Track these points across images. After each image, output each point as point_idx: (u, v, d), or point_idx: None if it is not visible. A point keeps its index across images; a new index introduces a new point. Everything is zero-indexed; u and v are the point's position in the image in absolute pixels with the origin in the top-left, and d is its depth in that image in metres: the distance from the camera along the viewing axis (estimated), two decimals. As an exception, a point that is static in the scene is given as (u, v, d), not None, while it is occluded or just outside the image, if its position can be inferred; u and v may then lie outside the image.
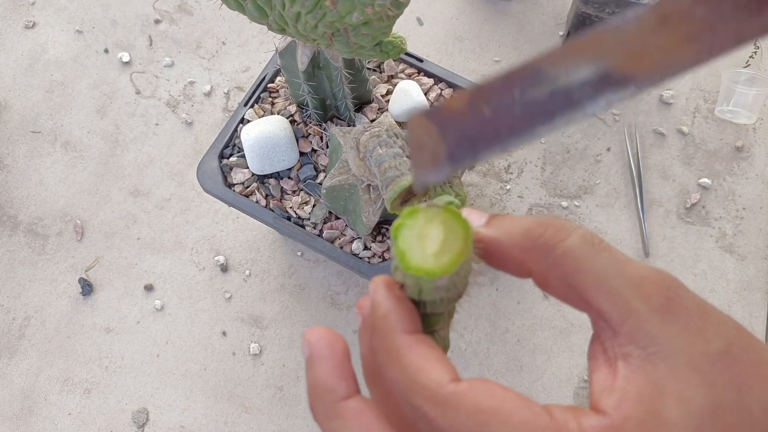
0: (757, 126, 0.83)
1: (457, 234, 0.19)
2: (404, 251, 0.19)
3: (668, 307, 0.18)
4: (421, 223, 0.19)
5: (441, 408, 0.17)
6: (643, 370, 0.17)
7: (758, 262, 0.76)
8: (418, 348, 0.18)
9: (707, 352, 0.17)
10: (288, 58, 0.54)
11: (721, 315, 0.18)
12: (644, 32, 0.16)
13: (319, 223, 0.60)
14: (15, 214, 0.81)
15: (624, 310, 0.18)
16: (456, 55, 0.88)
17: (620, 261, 0.19)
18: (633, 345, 0.18)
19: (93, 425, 0.71)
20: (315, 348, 0.20)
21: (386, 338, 0.19)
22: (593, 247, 0.19)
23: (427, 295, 0.20)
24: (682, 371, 0.17)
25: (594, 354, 0.19)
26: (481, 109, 0.17)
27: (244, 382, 0.73)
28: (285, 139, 0.59)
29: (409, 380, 0.18)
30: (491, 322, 0.74)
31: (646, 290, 0.18)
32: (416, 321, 0.20)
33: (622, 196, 0.80)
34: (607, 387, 0.18)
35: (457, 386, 0.17)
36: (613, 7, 0.74)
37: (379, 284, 0.20)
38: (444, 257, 0.19)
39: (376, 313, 0.20)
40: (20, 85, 0.88)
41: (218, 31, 0.91)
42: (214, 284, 0.77)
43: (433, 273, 0.18)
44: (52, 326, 0.76)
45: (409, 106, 0.60)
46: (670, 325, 0.18)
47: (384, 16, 0.39)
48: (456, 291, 0.20)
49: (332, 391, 0.19)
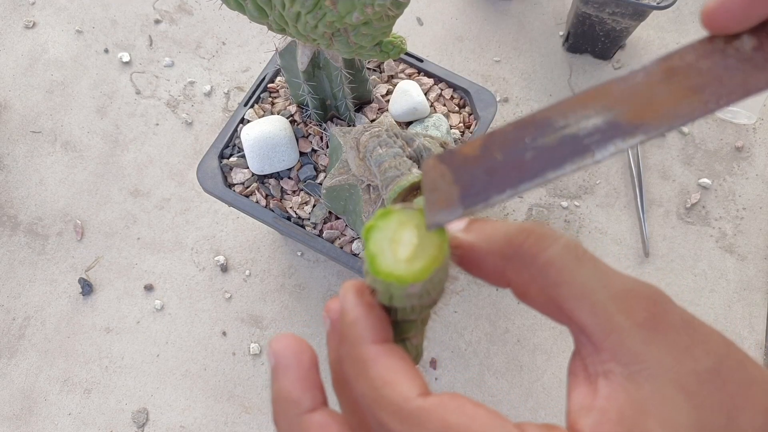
0: (757, 126, 0.83)
1: (432, 239, 0.18)
2: (375, 255, 0.18)
3: (654, 323, 0.17)
4: (394, 225, 0.18)
5: (407, 425, 0.16)
6: (625, 389, 0.16)
7: (758, 262, 0.76)
8: (385, 359, 0.17)
9: (695, 371, 0.16)
10: (288, 58, 0.54)
11: (711, 332, 0.17)
12: (652, 83, 0.16)
13: (319, 223, 0.60)
14: (15, 214, 0.81)
15: (606, 325, 0.17)
16: (456, 55, 0.88)
17: (605, 273, 0.18)
18: (615, 362, 0.17)
19: (93, 425, 0.71)
20: (280, 357, 0.19)
21: (353, 347, 0.18)
22: (577, 257, 0.18)
23: (398, 302, 0.18)
24: (667, 391, 0.16)
25: (574, 370, 0.18)
26: (493, 155, 0.17)
27: (244, 382, 0.73)
28: (285, 139, 0.59)
29: (375, 393, 0.17)
30: (491, 322, 0.74)
31: (631, 304, 0.17)
32: (386, 329, 0.19)
33: (622, 196, 0.80)
34: (585, 405, 0.17)
35: (425, 401, 0.16)
36: (613, 7, 0.74)
37: (348, 289, 0.19)
38: (416, 264, 0.17)
39: (345, 319, 0.18)
40: (20, 85, 0.88)
41: (218, 31, 0.91)
42: (214, 284, 0.77)
43: (404, 280, 0.17)
44: (52, 326, 0.76)
45: (410, 106, 0.60)
46: (655, 342, 0.17)
47: (384, 16, 0.39)
48: (430, 298, 0.19)
49: (296, 404, 0.18)
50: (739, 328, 0.73)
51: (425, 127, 0.61)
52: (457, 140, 0.62)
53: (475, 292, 0.75)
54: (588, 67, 0.86)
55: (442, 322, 0.74)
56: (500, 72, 0.87)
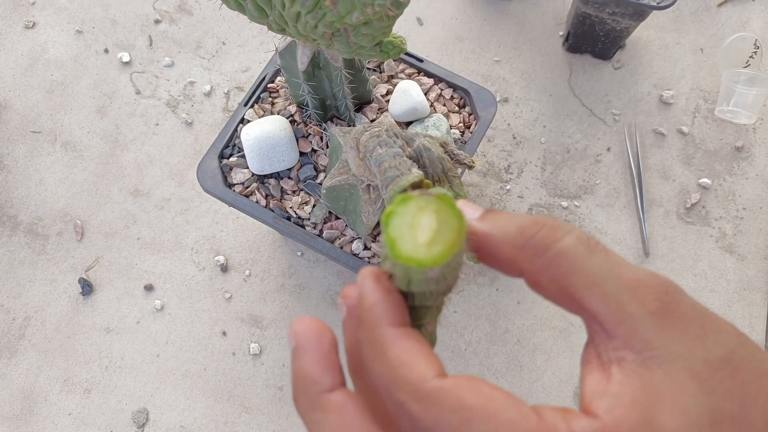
0: (757, 126, 0.83)
1: (451, 224, 0.18)
2: (395, 239, 0.18)
3: (665, 312, 0.17)
4: (413, 211, 0.18)
5: (424, 403, 0.16)
6: (639, 375, 0.17)
7: (758, 262, 0.76)
8: (403, 341, 0.18)
9: (707, 359, 0.17)
10: (288, 58, 0.54)
11: (722, 322, 0.18)
12: None
13: (319, 223, 0.60)
14: (15, 214, 0.81)
15: (619, 313, 0.17)
16: (456, 55, 0.88)
17: (616, 263, 0.18)
18: (628, 349, 0.17)
19: (93, 425, 0.71)
20: (301, 338, 0.19)
21: (372, 330, 0.18)
22: (588, 248, 0.18)
23: (416, 287, 0.19)
24: (679, 378, 0.16)
25: (587, 358, 0.19)
26: None
27: (244, 382, 0.73)
28: (285, 139, 0.59)
29: (392, 374, 0.17)
30: (491, 322, 0.74)
31: (643, 294, 0.17)
32: (404, 314, 0.19)
33: (622, 196, 0.80)
34: (599, 390, 0.17)
35: (442, 382, 0.17)
36: (613, 7, 0.74)
37: (366, 275, 0.19)
38: (436, 247, 0.18)
39: (363, 304, 0.19)
40: (20, 85, 0.88)
41: (218, 31, 0.91)
42: (214, 284, 0.77)
43: (423, 263, 0.17)
44: (52, 326, 0.76)
45: (410, 106, 0.60)
46: (667, 330, 0.17)
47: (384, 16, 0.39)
48: (446, 284, 0.19)
49: (316, 383, 0.18)
50: (739, 328, 0.73)
51: (425, 127, 0.61)
52: (457, 140, 0.62)
53: (475, 292, 0.75)
54: (588, 67, 0.86)
55: (442, 322, 0.74)
56: (500, 72, 0.87)
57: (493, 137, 0.83)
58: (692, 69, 0.86)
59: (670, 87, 0.85)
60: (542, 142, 0.83)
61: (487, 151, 0.82)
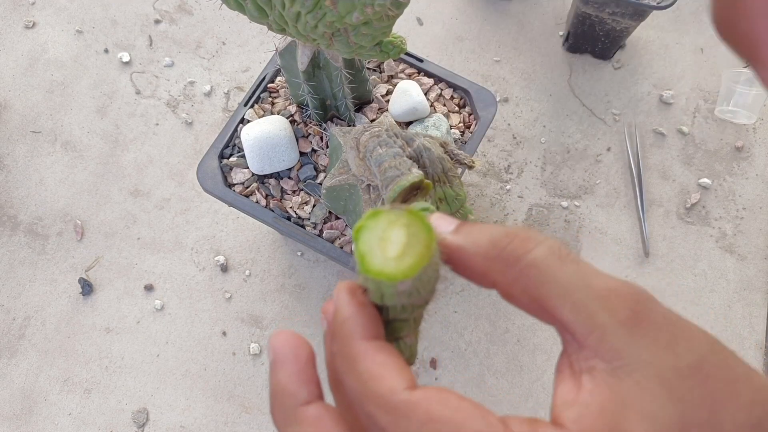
0: (757, 126, 0.83)
1: (420, 238, 0.18)
2: (364, 254, 0.18)
3: (636, 321, 0.17)
4: (383, 225, 0.18)
5: (393, 416, 0.16)
6: (608, 384, 0.17)
7: (758, 262, 0.76)
8: (375, 355, 0.18)
9: (677, 367, 0.17)
10: (288, 58, 0.54)
11: (694, 330, 0.18)
12: None
13: (319, 223, 0.60)
14: (15, 214, 0.81)
15: (589, 323, 0.17)
16: (456, 55, 0.88)
17: (587, 273, 0.18)
18: (598, 358, 0.17)
19: (93, 425, 0.71)
20: (278, 352, 0.19)
21: (345, 344, 0.18)
22: (560, 258, 0.18)
23: (389, 300, 0.19)
24: (648, 386, 0.16)
25: (560, 368, 0.19)
26: None
27: (244, 382, 0.73)
28: (285, 139, 0.59)
29: (363, 387, 0.17)
30: (491, 322, 0.74)
31: (613, 303, 0.17)
32: (377, 327, 0.19)
33: (622, 196, 0.80)
34: (569, 400, 0.17)
35: (411, 394, 0.17)
36: (613, 7, 0.74)
37: (341, 289, 0.20)
38: (405, 261, 0.18)
39: (337, 318, 0.19)
40: (20, 85, 0.88)
41: (218, 31, 0.91)
42: (214, 284, 0.77)
43: (393, 277, 0.18)
44: (52, 326, 0.76)
45: (410, 106, 0.60)
46: (637, 339, 0.17)
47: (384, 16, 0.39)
48: (420, 297, 0.19)
49: (292, 396, 0.19)
50: (739, 328, 0.73)
51: (425, 127, 0.61)
52: (456, 140, 0.62)
53: (475, 292, 0.75)
54: (588, 67, 0.86)
55: (442, 322, 0.74)
56: (500, 72, 0.87)
57: (493, 137, 0.83)
58: (692, 69, 0.86)
59: (670, 87, 0.85)
60: (542, 142, 0.83)
61: (487, 151, 0.82)
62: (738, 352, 0.76)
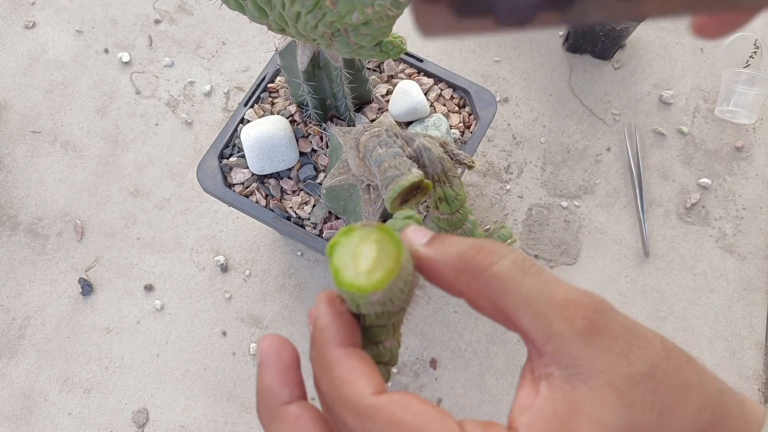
0: (757, 126, 0.83)
1: (389, 253, 0.19)
2: (338, 268, 0.20)
3: (592, 330, 0.18)
4: (355, 241, 0.20)
5: (359, 418, 0.18)
6: (562, 390, 0.18)
7: (758, 262, 0.76)
8: (347, 361, 0.19)
9: (629, 374, 0.18)
10: (288, 58, 0.54)
11: (651, 338, 0.19)
12: None
13: (319, 223, 0.60)
14: (15, 214, 0.81)
15: (547, 331, 0.18)
16: (456, 55, 0.88)
17: (548, 284, 0.19)
18: (555, 365, 0.18)
19: (93, 425, 0.71)
20: (264, 355, 0.21)
21: (321, 351, 0.20)
22: (522, 270, 0.19)
23: (364, 309, 0.20)
24: (600, 392, 0.17)
25: (524, 373, 0.20)
26: None
27: (244, 382, 0.73)
28: (285, 139, 0.59)
29: (335, 391, 0.19)
30: (491, 322, 0.74)
31: (571, 313, 0.18)
32: (353, 335, 0.20)
33: (622, 196, 0.80)
34: (525, 405, 0.18)
35: (378, 399, 0.18)
36: (613, 7, 0.74)
37: (321, 299, 0.21)
38: (375, 275, 0.19)
39: (316, 325, 0.20)
40: (20, 85, 0.88)
41: (218, 31, 0.91)
42: (214, 284, 0.77)
43: (364, 289, 0.19)
44: (52, 326, 0.76)
45: (409, 106, 0.60)
46: (592, 347, 0.18)
47: (384, 16, 0.39)
48: (394, 305, 0.21)
49: (275, 396, 0.20)
50: (739, 328, 0.73)
51: (425, 127, 0.61)
52: (456, 140, 0.62)
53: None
54: (588, 67, 0.86)
55: (442, 322, 0.74)
56: (500, 72, 0.87)
57: (493, 137, 0.83)
58: (692, 69, 0.86)
59: (670, 87, 0.85)
60: (542, 142, 0.82)
61: (487, 151, 0.82)
62: (738, 352, 0.76)
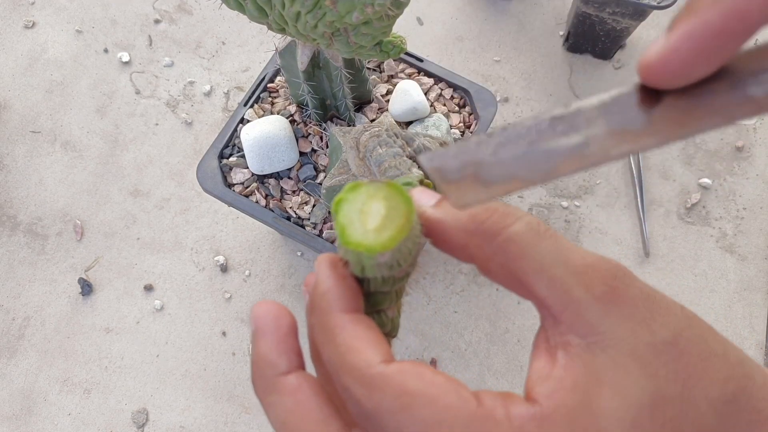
0: (757, 126, 0.83)
1: (400, 210, 0.18)
2: (344, 226, 0.18)
3: (612, 297, 0.17)
4: (363, 198, 0.19)
5: (367, 388, 0.17)
6: (582, 360, 0.17)
7: (759, 263, 0.76)
8: (352, 327, 0.18)
9: (652, 342, 0.17)
10: (288, 57, 0.54)
11: (671, 305, 0.18)
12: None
13: (319, 223, 0.60)
14: (15, 214, 0.81)
15: (564, 297, 0.17)
16: (456, 55, 0.88)
17: (565, 248, 0.18)
18: (573, 334, 0.17)
19: (93, 425, 0.71)
20: (260, 322, 0.19)
21: (323, 316, 0.19)
22: (538, 233, 0.18)
23: (369, 273, 0.19)
24: (622, 361, 0.16)
25: (537, 342, 0.19)
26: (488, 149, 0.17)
27: (244, 382, 0.72)
28: (285, 139, 0.59)
29: (340, 359, 0.17)
30: (491, 322, 0.74)
31: (590, 278, 0.17)
32: (357, 300, 0.19)
33: (622, 196, 0.80)
34: (543, 375, 0.17)
35: (387, 367, 0.17)
36: (614, 6, 0.74)
37: (322, 261, 0.20)
38: (384, 233, 0.18)
39: (317, 290, 0.19)
40: (20, 85, 0.88)
41: (218, 30, 0.91)
42: (214, 284, 0.77)
43: (372, 249, 0.18)
44: (51, 326, 0.76)
45: (410, 106, 0.60)
46: (612, 315, 0.17)
47: (384, 16, 0.39)
48: (401, 270, 0.19)
49: (273, 366, 0.19)
50: (740, 328, 0.73)
51: (425, 127, 0.60)
52: (457, 140, 0.62)
53: (475, 292, 0.75)
54: (588, 66, 0.86)
55: (442, 322, 0.74)
56: (500, 72, 0.87)
57: (493, 137, 0.83)
58: (692, 69, 0.86)
59: (670, 87, 0.85)
60: (542, 142, 0.82)
61: (487, 151, 0.82)
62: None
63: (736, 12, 0.14)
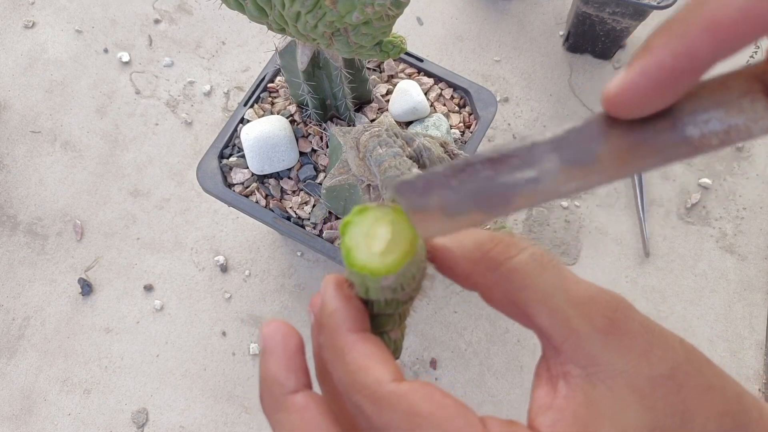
0: (758, 126, 0.83)
1: (405, 235, 0.19)
2: (350, 248, 0.19)
3: (612, 329, 0.18)
4: (370, 221, 0.19)
5: (378, 406, 0.17)
6: (582, 390, 0.17)
7: (759, 262, 0.76)
8: (361, 346, 0.18)
9: (650, 375, 0.17)
10: (288, 57, 0.54)
11: (670, 338, 0.18)
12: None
13: (319, 223, 0.60)
14: (15, 214, 0.81)
15: (565, 328, 0.18)
16: (456, 54, 0.88)
17: (566, 279, 0.19)
18: (573, 364, 0.18)
19: (93, 425, 0.71)
20: (268, 341, 0.20)
21: (332, 336, 0.19)
22: (541, 265, 0.19)
23: (373, 295, 0.19)
24: (621, 393, 0.17)
25: (538, 371, 0.19)
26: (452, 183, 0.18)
27: (244, 382, 0.72)
28: (285, 139, 0.59)
29: (350, 378, 0.18)
30: (491, 322, 0.74)
31: (590, 310, 0.18)
32: (363, 320, 0.20)
33: (623, 196, 0.80)
34: (545, 405, 0.18)
35: (398, 386, 0.17)
36: (614, 6, 0.74)
37: (329, 282, 0.20)
38: (389, 257, 0.18)
39: (324, 310, 0.20)
40: (20, 85, 0.88)
41: (218, 30, 0.91)
42: (213, 284, 0.77)
43: (377, 272, 0.18)
44: (51, 326, 0.76)
45: (410, 106, 0.60)
46: (612, 347, 0.17)
47: (384, 16, 0.39)
48: (405, 293, 0.20)
49: (281, 384, 0.19)
50: (740, 328, 0.73)
51: (425, 127, 0.60)
52: (457, 140, 0.62)
53: (475, 293, 0.75)
54: (588, 66, 0.86)
55: (443, 323, 0.74)
56: (500, 72, 0.87)
57: (493, 137, 0.83)
58: (692, 69, 0.86)
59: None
60: (542, 142, 0.82)
61: (487, 151, 0.82)
62: (738, 352, 0.76)
63: (686, 52, 0.14)
